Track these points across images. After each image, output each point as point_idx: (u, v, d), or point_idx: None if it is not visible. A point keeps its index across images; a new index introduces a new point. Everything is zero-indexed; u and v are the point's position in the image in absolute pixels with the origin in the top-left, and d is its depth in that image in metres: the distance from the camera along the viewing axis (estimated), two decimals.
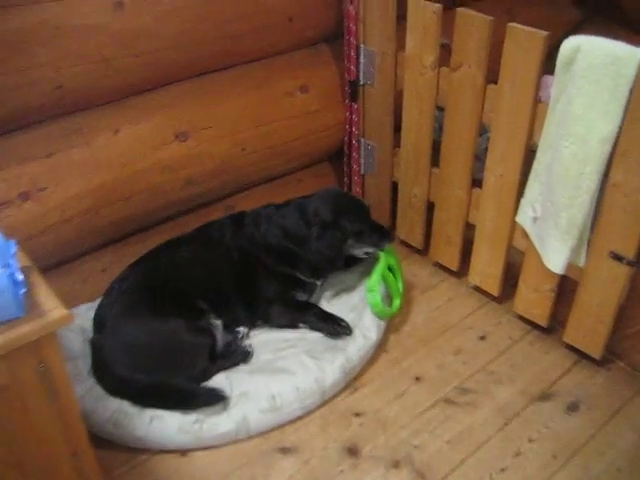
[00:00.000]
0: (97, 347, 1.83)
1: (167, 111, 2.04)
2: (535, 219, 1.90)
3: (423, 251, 2.41)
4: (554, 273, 1.94)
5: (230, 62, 2.14)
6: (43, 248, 1.89)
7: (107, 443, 1.77)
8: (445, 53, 2.01)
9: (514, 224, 2.03)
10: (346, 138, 2.43)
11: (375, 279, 2.02)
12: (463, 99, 1.99)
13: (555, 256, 1.84)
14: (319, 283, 2.12)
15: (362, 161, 2.44)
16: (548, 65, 1.75)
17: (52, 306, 1.21)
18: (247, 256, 2.01)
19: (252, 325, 2.07)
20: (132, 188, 2.02)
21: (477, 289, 2.27)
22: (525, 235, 2.01)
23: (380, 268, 2.04)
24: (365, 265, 2.19)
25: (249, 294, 2.01)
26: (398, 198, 2.39)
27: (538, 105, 1.82)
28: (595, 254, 1.81)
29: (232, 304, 1.99)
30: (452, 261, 2.30)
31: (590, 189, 1.70)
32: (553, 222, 1.81)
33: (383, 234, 2.08)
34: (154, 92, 2.02)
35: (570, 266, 1.88)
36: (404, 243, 2.46)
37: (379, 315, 2.04)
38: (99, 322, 1.87)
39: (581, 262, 1.85)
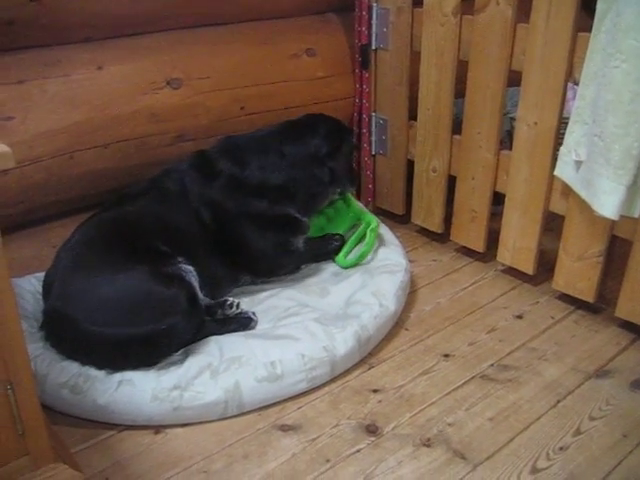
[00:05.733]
0: (49, 313, 1.48)
1: (160, 54, 1.81)
2: (579, 163, 1.64)
3: (443, 236, 2.12)
4: (602, 232, 1.67)
5: (231, 19, 1.95)
6: (5, 187, 1.61)
7: (60, 418, 1.41)
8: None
9: (551, 183, 1.77)
10: (355, 114, 2.20)
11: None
12: (489, 44, 1.78)
13: (608, 198, 1.56)
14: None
15: (373, 138, 2.20)
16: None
17: None
18: (226, 213, 1.67)
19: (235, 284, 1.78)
20: (112, 134, 1.76)
21: (508, 272, 1.96)
22: (564, 194, 1.74)
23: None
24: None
25: (231, 254, 1.71)
26: (414, 177, 2.13)
27: (578, 35, 1.61)
28: None
29: (206, 264, 1.65)
30: (477, 241, 2.00)
31: None
32: (604, 159, 1.55)
33: (353, 175, 1.99)
34: (146, 35, 1.81)
35: (621, 222, 1.61)
36: (421, 230, 2.18)
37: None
38: (47, 288, 1.54)
39: (636, 211, 1.58)
